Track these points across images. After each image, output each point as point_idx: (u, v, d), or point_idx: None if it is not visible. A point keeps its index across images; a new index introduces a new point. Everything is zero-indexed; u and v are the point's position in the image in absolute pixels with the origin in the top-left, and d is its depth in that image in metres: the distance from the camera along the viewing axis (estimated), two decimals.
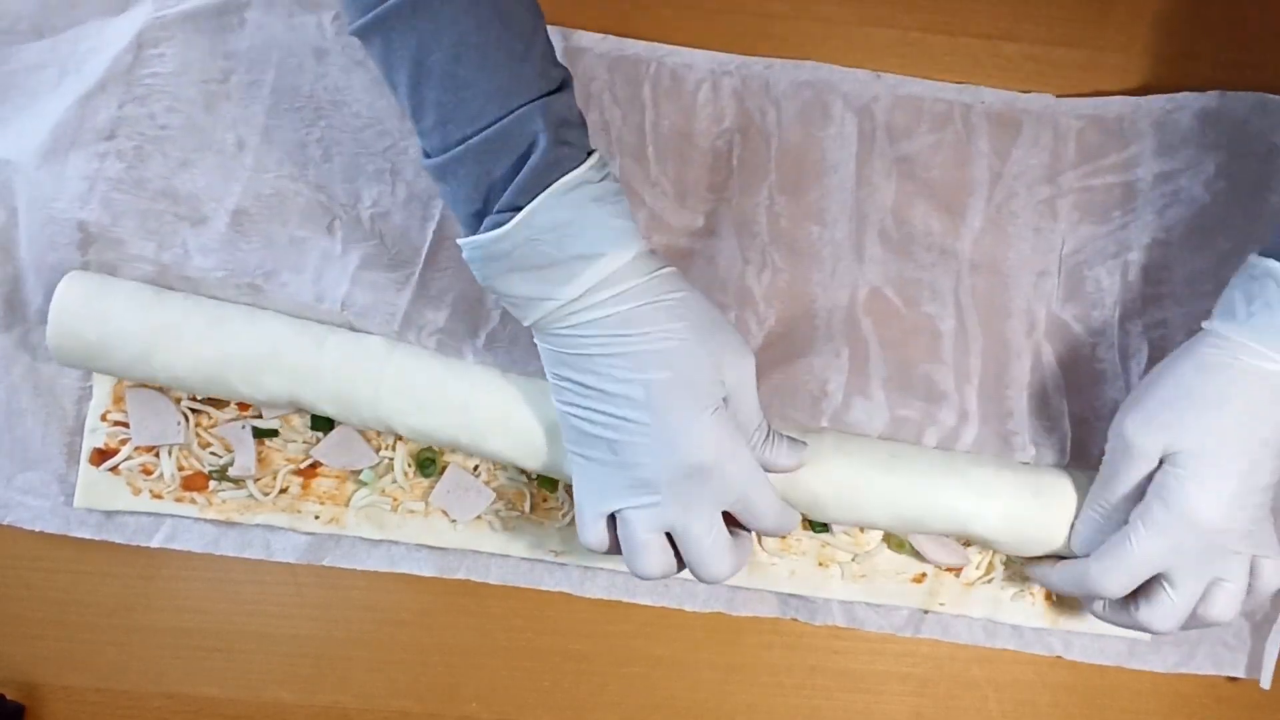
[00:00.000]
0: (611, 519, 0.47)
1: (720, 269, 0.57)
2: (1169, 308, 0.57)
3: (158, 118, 0.56)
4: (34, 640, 0.55)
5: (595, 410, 0.45)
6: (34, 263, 0.55)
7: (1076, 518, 0.51)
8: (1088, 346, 0.57)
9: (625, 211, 0.45)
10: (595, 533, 0.47)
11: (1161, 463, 0.48)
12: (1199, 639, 0.56)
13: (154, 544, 0.55)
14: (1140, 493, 0.48)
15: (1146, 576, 0.48)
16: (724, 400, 0.46)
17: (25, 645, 0.55)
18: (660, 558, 0.46)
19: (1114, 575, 0.48)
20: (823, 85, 0.59)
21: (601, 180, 0.44)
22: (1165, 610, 0.48)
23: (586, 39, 0.59)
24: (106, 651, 0.55)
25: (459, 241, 0.45)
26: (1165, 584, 0.48)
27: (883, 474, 0.52)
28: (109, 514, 0.55)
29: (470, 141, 0.42)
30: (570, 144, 0.43)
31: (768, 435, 0.49)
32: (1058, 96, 0.59)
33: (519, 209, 0.42)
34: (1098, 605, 0.51)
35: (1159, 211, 0.58)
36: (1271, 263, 0.46)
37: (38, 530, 0.55)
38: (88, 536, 0.54)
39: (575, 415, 0.46)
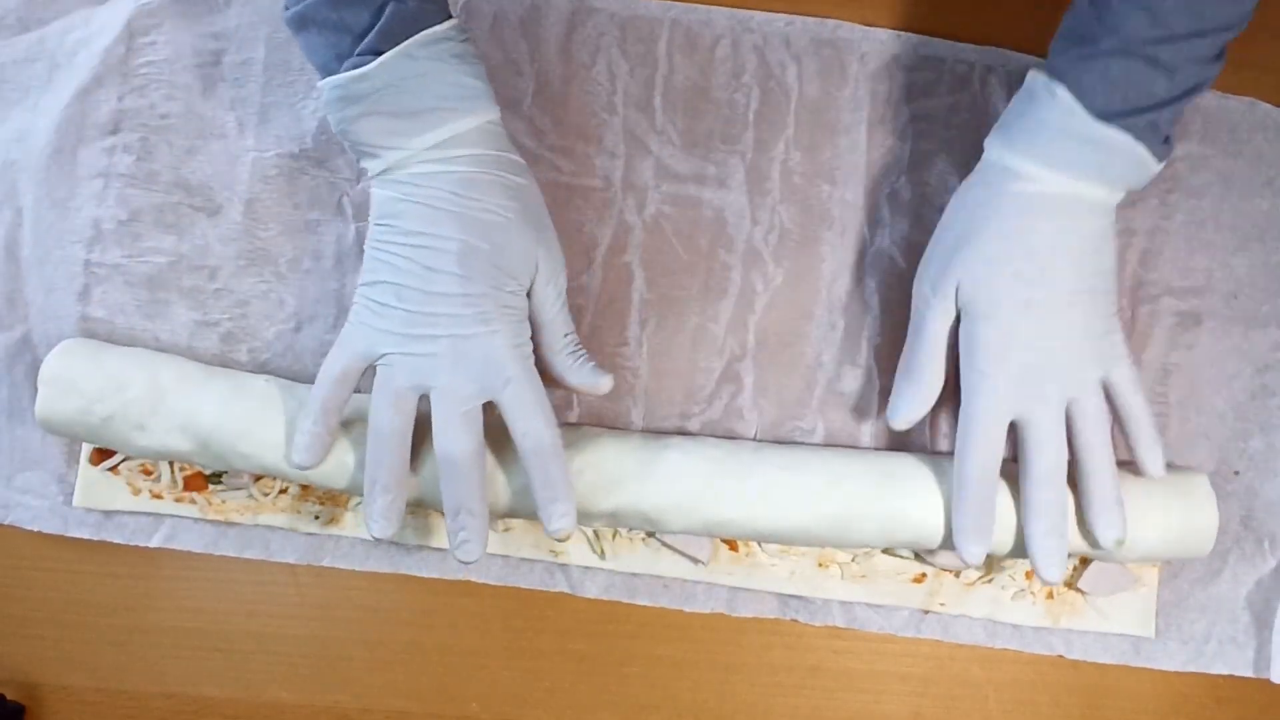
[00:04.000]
0: (370, 371, 0.48)
1: (728, 225, 0.57)
2: (1159, 287, 0.58)
3: (158, 107, 0.56)
4: (34, 640, 0.55)
5: (406, 257, 0.47)
6: (38, 261, 0.56)
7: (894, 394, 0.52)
8: None
9: (482, 75, 0.48)
10: (340, 365, 0.48)
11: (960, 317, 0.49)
12: (1205, 637, 0.56)
13: (153, 544, 0.55)
14: (943, 347, 0.50)
15: (999, 428, 0.48)
16: (527, 296, 0.49)
17: (25, 645, 0.55)
18: (404, 411, 0.47)
19: (973, 438, 0.48)
20: (842, 44, 0.58)
21: (464, 40, 0.47)
22: (1039, 448, 0.47)
23: None
24: (106, 651, 0.55)
25: (320, 84, 0.47)
26: (1025, 432, 0.48)
27: (824, 502, 0.52)
28: (108, 514, 0.55)
29: None
30: (433, 2, 0.47)
31: (578, 348, 0.51)
32: None
33: (380, 53, 0.45)
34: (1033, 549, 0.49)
35: (1160, 197, 0.58)
36: (1030, 75, 0.47)
37: (37, 530, 0.55)
38: (87, 536, 0.54)
39: (383, 256, 0.47)
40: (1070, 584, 0.56)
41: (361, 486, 0.49)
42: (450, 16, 0.47)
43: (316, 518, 0.55)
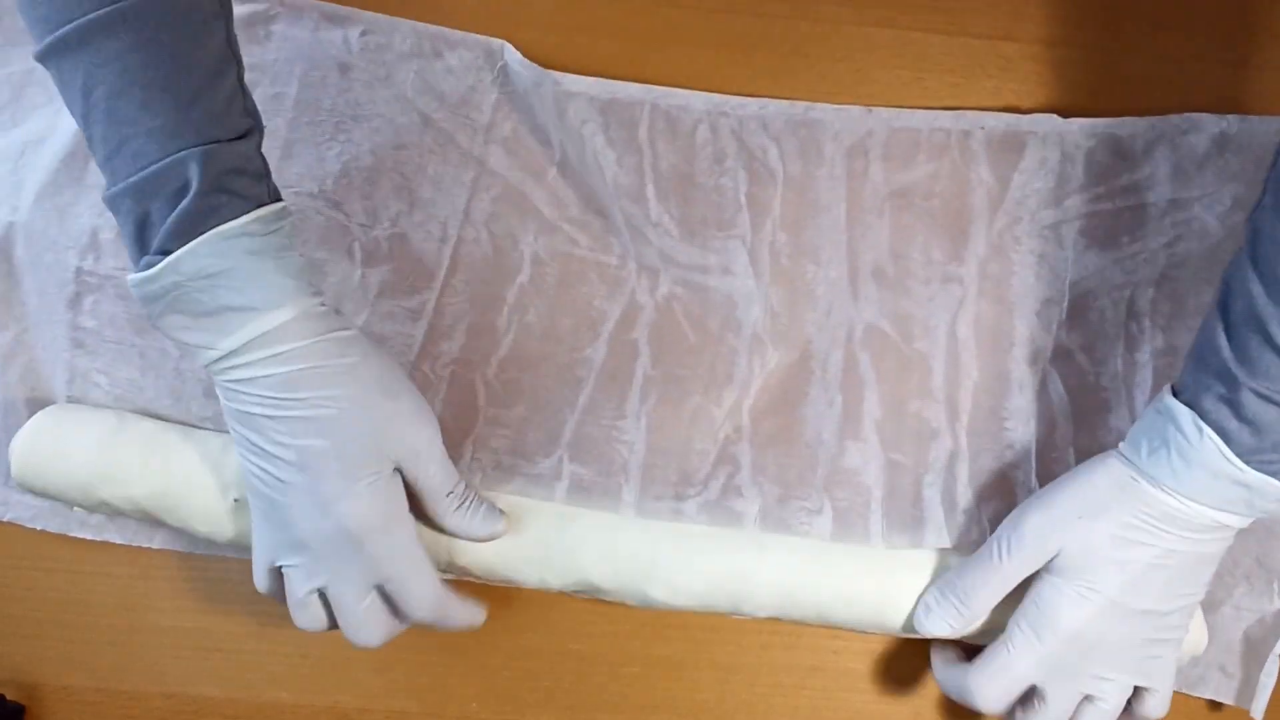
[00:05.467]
0: (280, 572, 0.47)
1: (737, 308, 0.56)
2: (1179, 336, 0.55)
3: None
4: (34, 640, 0.55)
5: (260, 468, 0.45)
6: (31, 263, 0.55)
7: (925, 591, 0.50)
8: (1091, 375, 0.55)
9: (292, 269, 0.44)
10: (263, 581, 0.48)
11: (1040, 573, 0.48)
12: (1194, 661, 0.54)
13: (155, 545, 0.55)
14: (1002, 587, 0.48)
15: (1022, 690, 0.47)
16: (395, 470, 0.46)
17: (25, 645, 0.55)
18: (314, 615, 0.47)
19: (992, 688, 0.47)
20: (815, 125, 0.58)
21: (268, 234, 0.43)
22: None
23: (578, 83, 0.58)
24: (106, 651, 0.55)
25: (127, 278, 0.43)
26: (1038, 696, 0.47)
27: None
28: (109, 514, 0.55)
29: (130, 180, 0.41)
30: (235, 193, 0.42)
31: (464, 501, 0.49)
32: (1064, 116, 0.58)
33: (169, 253, 0.41)
34: None
35: (1170, 242, 0.56)
36: (1170, 403, 0.45)
37: (38, 529, 0.55)
38: (88, 537, 0.54)
39: (248, 469, 0.46)
40: None
41: None
42: (263, 203, 0.43)
43: None
